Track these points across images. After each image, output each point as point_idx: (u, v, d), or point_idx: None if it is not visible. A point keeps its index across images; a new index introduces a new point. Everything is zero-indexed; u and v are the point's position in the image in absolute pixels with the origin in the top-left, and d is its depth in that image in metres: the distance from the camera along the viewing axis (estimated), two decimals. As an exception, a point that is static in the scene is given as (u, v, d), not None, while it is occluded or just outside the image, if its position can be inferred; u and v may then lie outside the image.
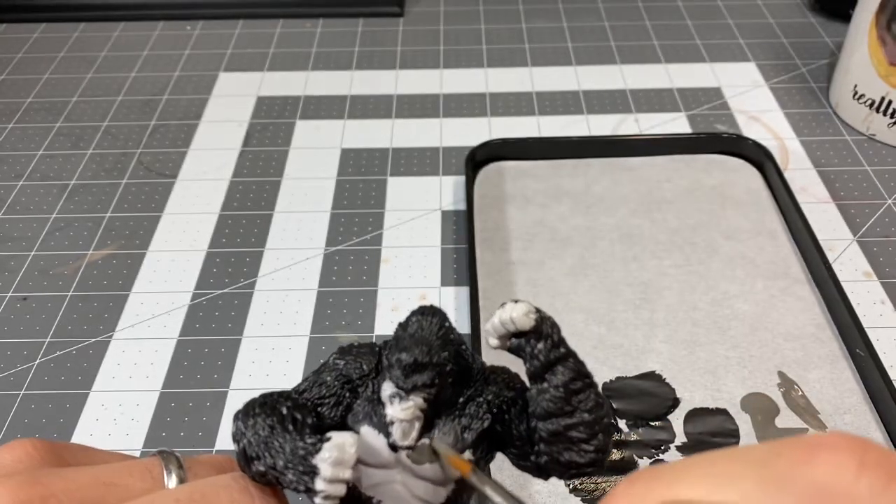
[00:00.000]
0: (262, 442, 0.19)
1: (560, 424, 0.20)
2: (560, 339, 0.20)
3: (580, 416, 0.20)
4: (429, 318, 0.20)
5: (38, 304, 0.43)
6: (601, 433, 0.20)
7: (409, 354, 0.19)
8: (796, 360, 0.39)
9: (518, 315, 0.20)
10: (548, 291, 0.42)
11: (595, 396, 0.20)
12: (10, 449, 0.19)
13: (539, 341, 0.20)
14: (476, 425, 0.21)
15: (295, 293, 0.43)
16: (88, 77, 0.61)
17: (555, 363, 0.20)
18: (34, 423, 0.37)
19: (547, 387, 0.20)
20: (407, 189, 0.50)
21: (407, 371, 0.19)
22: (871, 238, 0.46)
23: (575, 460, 0.20)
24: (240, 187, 0.51)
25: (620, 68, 0.61)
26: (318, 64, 0.62)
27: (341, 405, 0.21)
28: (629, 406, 0.37)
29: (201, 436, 0.37)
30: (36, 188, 0.51)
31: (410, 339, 0.20)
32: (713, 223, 0.46)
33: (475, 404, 0.21)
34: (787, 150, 0.52)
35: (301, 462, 0.19)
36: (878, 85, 0.51)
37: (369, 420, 0.20)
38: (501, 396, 0.21)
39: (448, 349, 0.20)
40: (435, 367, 0.19)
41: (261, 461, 0.19)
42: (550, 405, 0.20)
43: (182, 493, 0.18)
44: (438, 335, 0.20)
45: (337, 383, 0.21)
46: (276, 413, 0.20)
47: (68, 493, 0.18)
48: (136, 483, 0.19)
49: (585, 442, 0.20)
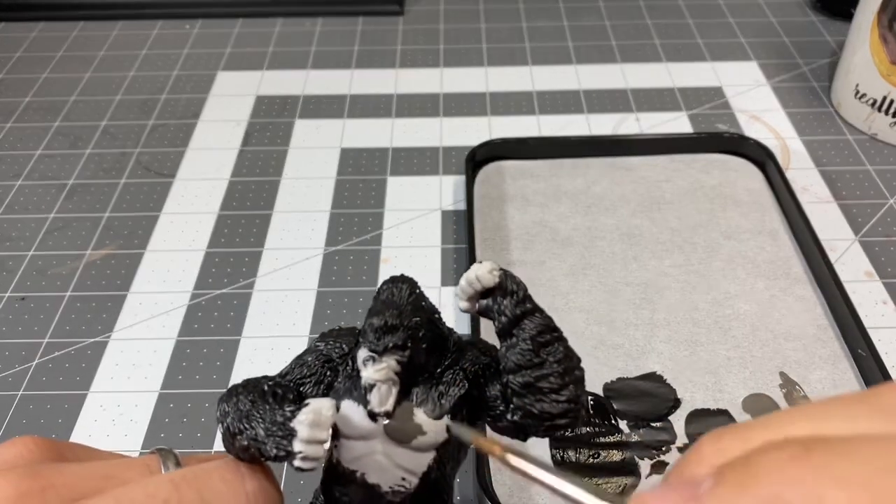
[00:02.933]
0: (243, 416, 0.20)
1: (530, 376, 0.20)
2: (525, 295, 0.20)
3: (550, 367, 0.20)
4: (399, 284, 0.21)
5: (37, 304, 0.43)
6: (572, 384, 0.20)
7: (379, 318, 0.20)
8: (798, 361, 0.38)
9: (483, 272, 0.20)
10: (548, 291, 0.42)
11: (564, 349, 0.20)
12: (12, 445, 0.20)
13: (505, 297, 0.20)
14: (453, 391, 0.21)
15: (294, 293, 0.43)
16: (87, 76, 0.61)
17: (521, 317, 0.20)
18: (32, 424, 0.37)
19: (516, 341, 0.20)
20: (407, 189, 0.50)
21: (378, 333, 0.20)
22: (873, 238, 0.46)
23: (548, 410, 0.20)
24: (239, 187, 0.50)
25: (621, 67, 0.61)
26: (317, 63, 0.62)
27: (322, 384, 0.22)
28: (630, 407, 0.37)
29: (200, 436, 0.36)
30: (34, 188, 0.51)
31: (382, 304, 0.21)
32: (714, 223, 0.46)
33: (452, 372, 0.21)
34: (789, 150, 0.52)
35: (280, 427, 0.19)
36: (880, 84, 0.51)
37: (349, 394, 0.21)
38: (477, 363, 0.22)
39: (420, 315, 0.21)
40: (406, 330, 0.20)
41: (242, 435, 0.19)
42: (520, 358, 0.20)
43: (175, 475, 0.19)
44: (409, 300, 0.21)
45: (317, 363, 0.22)
46: (258, 390, 0.20)
47: (67, 485, 0.18)
48: (135, 477, 0.19)
49: (556, 392, 0.20)
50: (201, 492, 0.19)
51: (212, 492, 0.19)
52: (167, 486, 0.18)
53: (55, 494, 0.18)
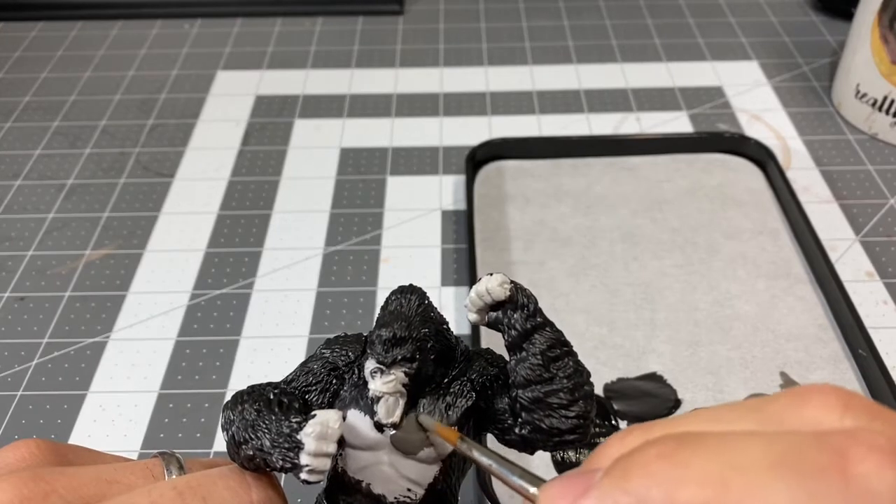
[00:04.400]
0: (249, 426, 0.19)
1: (540, 391, 0.20)
2: (536, 308, 0.20)
3: (560, 382, 0.20)
4: (408, 295, 0.21)
5: (36, 304, 0.43)
6: (582, 399, 0.20)
7: (388, 330, 0.20)
8: (798, 361, 0.38)
9: (493, 286, 0.20)
10: (548, 292, 0.42)
11: (574, 364, 0.20)
12: (15, 448, 0.20)
13: (515, 311, 0.20)
14: (461, 403, 0.21)
15: (294, 293, 0.43)
16: (86, 76, 0.61)
17: (532, 332, 0.20)
18: (31, 425, 0.37)
19: (525, 355, 0.20)
20: (407, 189, 0.50)
21: (387, 345, 0.20)
22: (874, 238, 0.45)
23: (557, 426, 0.20)
24: (238, 187, 0.50)
25: (622, 67, 0.61)
26: (317, 62, 0.62)
27: (328, 392, 0.21)
28: (630, 407, 0.37)
29: (199, 437, 0.36)
30: (33, 188, 0.51)
31: (390, 315, 0.20)
32: (714, 223, 0.46)
33: (459, 383, 0.21)
34: (790, 150, 0.52)
35: (286, 439, 0.19)
36: (881, 84, 0.51)
37: (355, 404, 0.21)
38: (485, 374, 0.22)
39: (428, 326, 0.20)
40: (415, 342, 0.20)
41: (248, 445, 0.19)
42: (529, 373, 0.20)
43: (179, 482, 0.19)
44: (417, 312, 0.20)
45: (323, 371, 0.22)
46: (263, 398, 0.20)
47: (70, 490, 0.18)
48: (138, 481, 0.19)
49: (566, 408, 0.20)
50: (206, 500, 0.18)
51: (216, 500, 0.19)
52: (171, 494, 0.18)
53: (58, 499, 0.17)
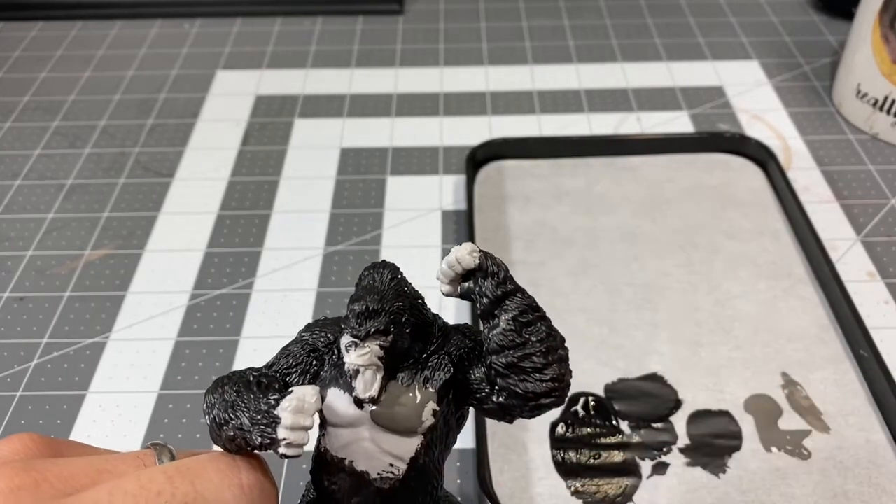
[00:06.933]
0: (229, 407, 0.20)
1: (513, 356, 0.20)
2: (507, 275, 0.21)
3: (532, 346, 0.20)
4: (380, 270, 0.21)
5: (35, 304, 0.43)
6: (556, 363, 0.20)
7: (361, 303, 0.20)
8: (799, 361, 0.38)
9: (462, 254, 0.20)
10: (549, 292, 0.42)
11: (546, 328, 0.20)
12: (9, 442, 0.20)
13: (486, 279, 0.20)
14: (439, 376, 0.21)
15: (294, 293, 0.43)
16: (86, 76, 0.61)
17: (503, 298, 0.20)
18: (31, 425, 0.37)
19: (498, 322, 0.20)
20: (407, 188, 0.50)
21: (360, 318, 0.20)
22: (875, 238, 0.45)
23: (532, 390, 0.20)
24: (238, 187, 0.50)
25: (622, 66, 0.61)
26: (317, 62, 0.62)
27: (308, 373, 0.22)
28: (631, 407, 0.36)
29: (199, 437, 0.36)
30: (33, 188, 0.51)
31: (363, 290, 0.21)
32: (715, 223, 0.46)
33: (437, 357, 0.21)
34: (790, 150, 0.52)
35: (264, 416, 0.19)
36: (882, 83, 0.51)
37: (335, 382, 0.21)
38: (462, 347, 0.22)
39: (402, 300, 0.21)
40: (388, 315, 0.20)
41: (228, 425, 0.20)
42: (502, 338, 0.20)
43: (169, 467, 0.19)
44: (390, 286, 0.21)
45: (303, 353, 0.22)
46: (243, 380, 0.21)
47: (61, 479, 0.18)
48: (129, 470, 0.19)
49: (540, 371, 0.20)
50: (195, 483, 0.19)
51: (206, 483, 0.19)
52: (161, 478, 0.18)
53: (49, 487, 0.18)
